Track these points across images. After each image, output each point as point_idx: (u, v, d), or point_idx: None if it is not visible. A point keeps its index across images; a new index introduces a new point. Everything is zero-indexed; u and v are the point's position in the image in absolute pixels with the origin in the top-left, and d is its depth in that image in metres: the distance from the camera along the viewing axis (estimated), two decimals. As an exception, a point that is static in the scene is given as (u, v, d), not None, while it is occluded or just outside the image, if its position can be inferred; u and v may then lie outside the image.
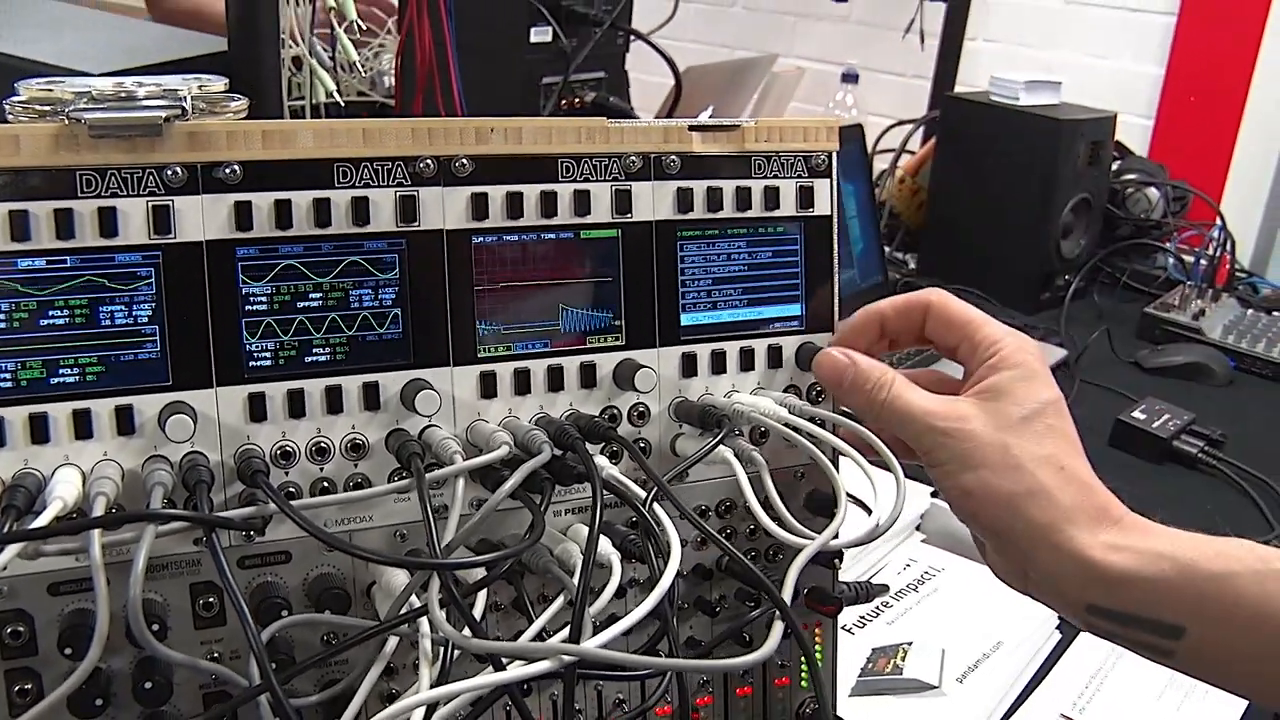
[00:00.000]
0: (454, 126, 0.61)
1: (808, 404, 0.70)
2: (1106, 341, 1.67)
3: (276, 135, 0.57)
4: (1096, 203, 1.84)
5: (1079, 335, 1.69)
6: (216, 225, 0.57)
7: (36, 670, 0.56)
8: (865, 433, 0.64)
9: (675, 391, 0.68)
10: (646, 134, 0.66)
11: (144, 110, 0.54)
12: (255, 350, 0.58)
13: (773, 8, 2.90)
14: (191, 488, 0.54)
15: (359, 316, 0.60)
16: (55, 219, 0.54)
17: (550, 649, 0.49)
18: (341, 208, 0.59)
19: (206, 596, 0.58)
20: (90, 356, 0.55)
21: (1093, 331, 1.69)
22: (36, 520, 0.49)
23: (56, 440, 0.55)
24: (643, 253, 0.66)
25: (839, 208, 0.74)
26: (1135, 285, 1.90)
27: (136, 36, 1.17)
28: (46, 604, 0.55)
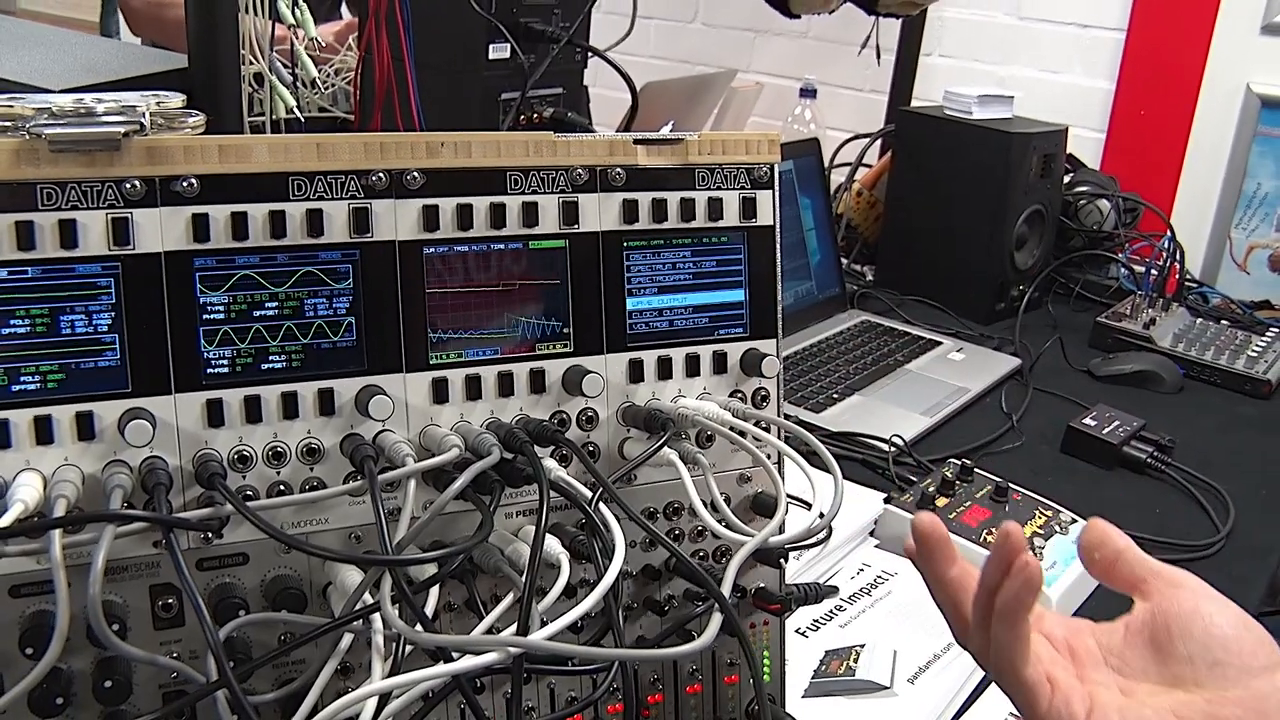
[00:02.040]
0: (405, 141, 0.63)
1: (751, 408, 0.72)
2: (1059, 350, 1.71)
3: (233, 150, 0.59)
4: (1049, 214, 1.88)
5: (1033, 344, 1.72)
6: (174, 237, 0.58)
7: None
8: (806, 434, 0.67)
9: (623, 396, 0.70)
10: (592, 147, 0.68)
11: (103, 126, 0.56)
12: (213, 358, 0.60)
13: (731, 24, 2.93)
14: (150, 490, 0.55)
15: (314, 325, 0.61)
16: (16, 230, 0.55)
17: (497, 641, 0.51)
18: (296, 219, 0.60)
19: (165, 598, 0.59)
20: (51, 364, 0.57)
21: (1045, 341, 1.73)
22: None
23: (18, 445, 0.56)
24: (590, 262, 0.68)
25: (789, 220, 0.76)
26: (1088, 295, 1.94)
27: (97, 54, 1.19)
28: (7, 606, 0.57)
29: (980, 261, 1.84)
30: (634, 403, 0.70)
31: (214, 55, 1.13)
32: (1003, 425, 1.48)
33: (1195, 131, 2.23)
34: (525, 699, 0.68)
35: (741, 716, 0.76)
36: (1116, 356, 1.70)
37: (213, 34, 1.13)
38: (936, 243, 1.88)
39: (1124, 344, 1.73)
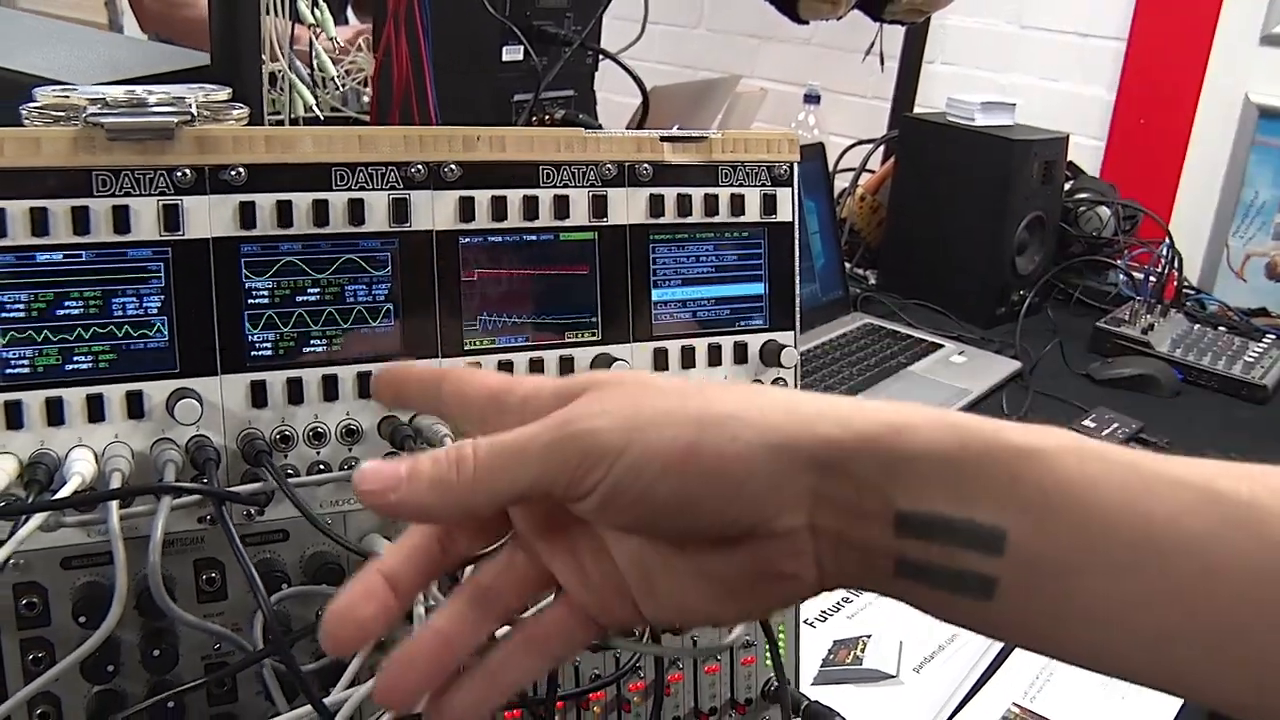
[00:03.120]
0: (443, 134, 0.65)
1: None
2: (1059, 354, 1.73)
3: (279, 140, 0.62)
4: (1050, 221, 1.91)
5: (1033, 348, 1.75)
6: (222, 223, 0.61)
7: (49, 640, 0.59)
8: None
9: (648, 385, 0.72)
10: (621, 144, 0.71)
11: (157, 116, 0.59)
12: (257, 341, 0.62)
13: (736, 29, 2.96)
14: (201, 466, 0.57)
15: (354, 310, 0.64)
16: (72, 216, 0.58)
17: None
18: (339, 209, 0.63)
19: (209, 572, 0.61)
20: (103, 345, 0.59)
21: (1045, 345, 1.75)
22: (58, 494, 0.53)
23: (70, 423, 0.58)
24: (618, 254, 0.71)
25: (800, 218, 0.78)
26: (1087, 301, 1.96)
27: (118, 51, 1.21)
28: (59, 577, 0.59)
29: (981, 266, 1.87)
30: (657, 391, 0.72)
31: (236, 54, 1.15)
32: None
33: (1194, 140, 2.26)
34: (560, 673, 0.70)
35: (757, 696, 0.78)
36: (1115, 361, 1.73)
37: (235, 33, 1.15)
38: (938, 247, 1.91)
39: (1123, 349, 1.76)
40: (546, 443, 0.41)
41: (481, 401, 0.47)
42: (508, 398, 0.46)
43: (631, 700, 0.73)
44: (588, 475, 0.41)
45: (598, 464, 0.40)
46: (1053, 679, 1.03)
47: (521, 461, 0.42)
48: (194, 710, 0.62)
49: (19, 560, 0.58)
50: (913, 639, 1.05)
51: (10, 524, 0.55)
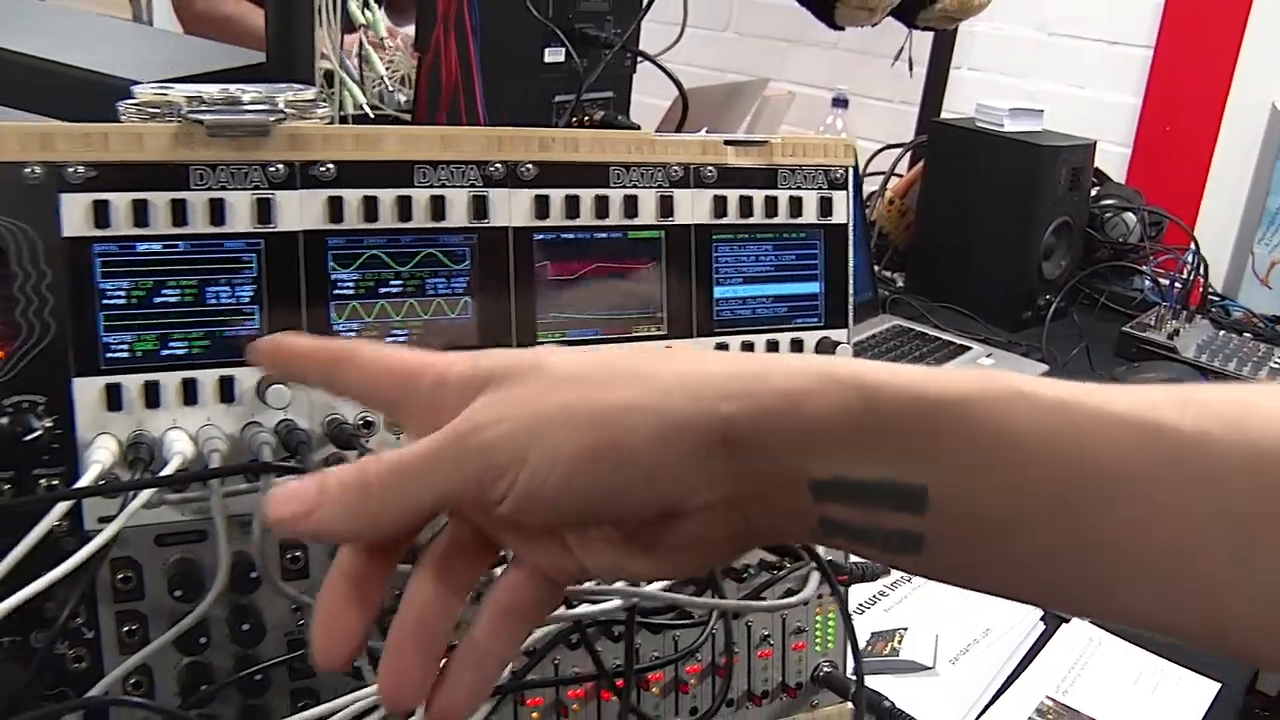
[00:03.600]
0: (520, 135, 0.68)
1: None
2: (1086, 358, 1.75)
3: (366, 138, 0.64)
4: (1076, 226, 1.93)
5: (1059, 352, 1.77)
6: (312, 217, 0.63)
7: (143, 613, 0.62)
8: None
9: (708, 378, 0.75)
10: (687, 147, 0.73)
11: (253, 113, 0.61)
12: (342, 330, 0.64)
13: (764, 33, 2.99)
14: (294, 448, 0.60)
15: (433, 302, 0.66)
16: (171, 208, 0.60)
17: (616, 591, 0.56)
18: (421, 204, 0.65)
19: (293, 550, 0.64)
20: (198, 331, 0.62)
21: (1072, 349, 1.77)
22: (163, 473, 0.56)
23: (166, 406, 0.61)
24: (682, 252, 0.73)
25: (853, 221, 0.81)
26: (1113, 306, 1.98)
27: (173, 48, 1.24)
28: (153, 553, 0.62)
29: (1008, 270, 1.89)
30: (718, 384, 0.75)
31: (291, 53, 1.18)
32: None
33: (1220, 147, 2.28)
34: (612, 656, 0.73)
35: (807, 681, 0.81)
36: (1141, 366, 1.74)
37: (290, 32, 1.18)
38: (966, 251, 1.93)
39: (1148, 354, 1.78)
40: (446, 458, 0.40)
41: (387, 384, 0.45)
42: (416, 383, 0.44)
43: (689, 681, 0.76)
44: (492, 488, 0.39)
45: (501, 476, 0.39)
46: (1084, 673, 1.05)
47: (422, 481, 0.40)
48: (276, 684, 0.65)
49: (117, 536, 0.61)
50: (949, 631, 1.08)
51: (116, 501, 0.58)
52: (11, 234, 0.58)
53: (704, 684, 0.77)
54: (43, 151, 0.58)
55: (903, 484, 0.38)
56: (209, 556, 0.62)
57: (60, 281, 0.59)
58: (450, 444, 0.40)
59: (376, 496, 0.40)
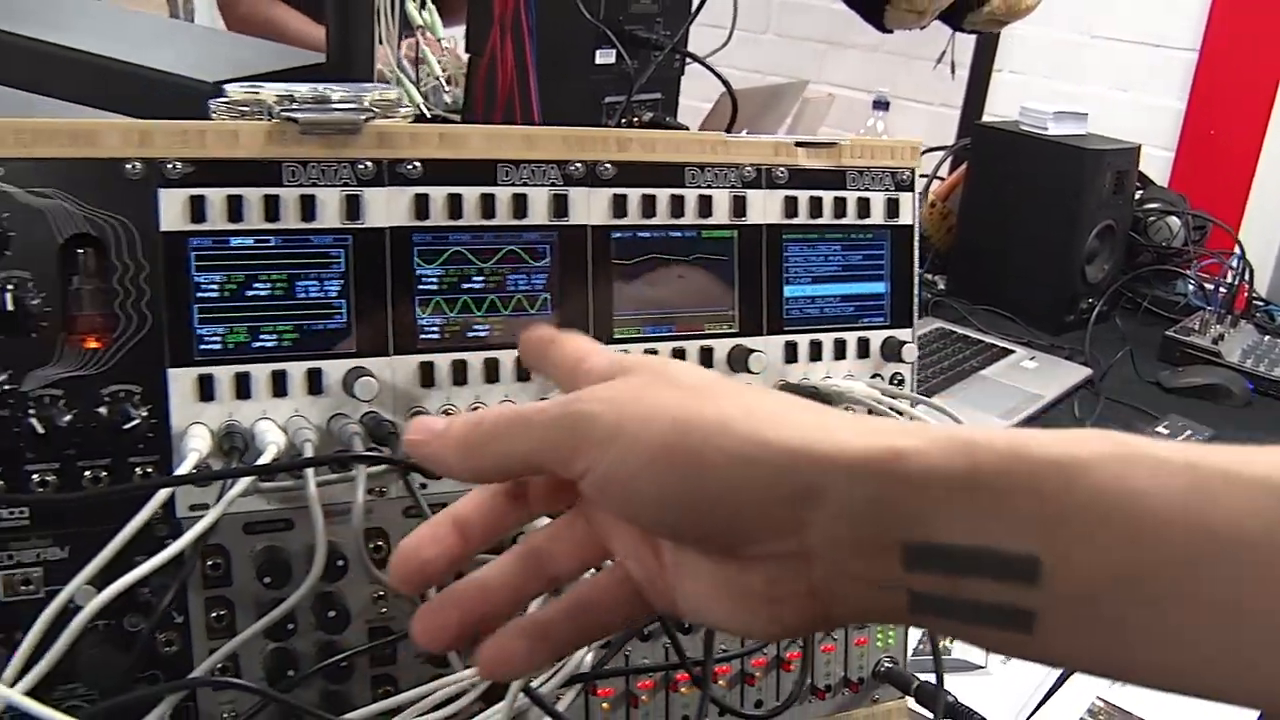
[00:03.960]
0: (599, 136, 0.69)
1: (896, 389, 0.78)
2: (1130, 362, 1.75)
3: (451, 137, 0.66)
4: (1120, 230, 1.93)
5: (1102, 356, 1.77)
6: (399, 214, 0.65)
7: (230, 599, 0.63)
8: (950, 412, 0.72)
9: (778, 375, 0.76)
10: (759, 148, 0.74)
11: (345, 112, 0.63)
12: (426, 325, 0.66)
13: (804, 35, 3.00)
14: (382, 439, 0.61)
15: (514, 298, 0.68)
16: (264, 203, 0.62)
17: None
18: (504, 202, 0.67)
19: (377, 540, 0.66)
20: (287, 324, 0.63)
21: (1114, 353, 1.77)
22: (259, 461, 0.57)
23: (256, 397, 0.63)
24: (754, 252, 0.74)
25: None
26: (1155, 310, 1.98)
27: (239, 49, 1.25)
28: (241, 541, 0.63)
29: (1051, 274, 1.89)
30: (788, 381, 0.76)
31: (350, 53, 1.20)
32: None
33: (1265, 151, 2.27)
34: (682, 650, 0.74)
35: (868, 676, 0.82)
36: (1185, 370, 1.74)
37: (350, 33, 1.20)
38: (1008, 254, 1.93)
39: (1192, 358, 1.78)
40: (548, 418, 0.42)
41: (566, 368, 0.49)
42: (580, 368, 0.48)
43: (755, 674, 0.77)
44: (577, 458, 0.41)
45: (587, 450, 0.40)
46: (1136, 676, 1.05)
47: (522, 432, 0.43)
48: (358, 670, 0.66)
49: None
50: (1000, 633, 1.08)
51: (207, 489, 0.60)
52: (112, 228, 0.59)
53: (769, 677, 0.78)
54: (142, 148, 0.60)
55: (1011, 553, 0.35)
56: (295, 544, 0.64)
57: (157, 274, 0.60)
58: (555, 408, 0.42)
59: (480, 438, 0.44)
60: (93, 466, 0.60)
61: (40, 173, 0.58)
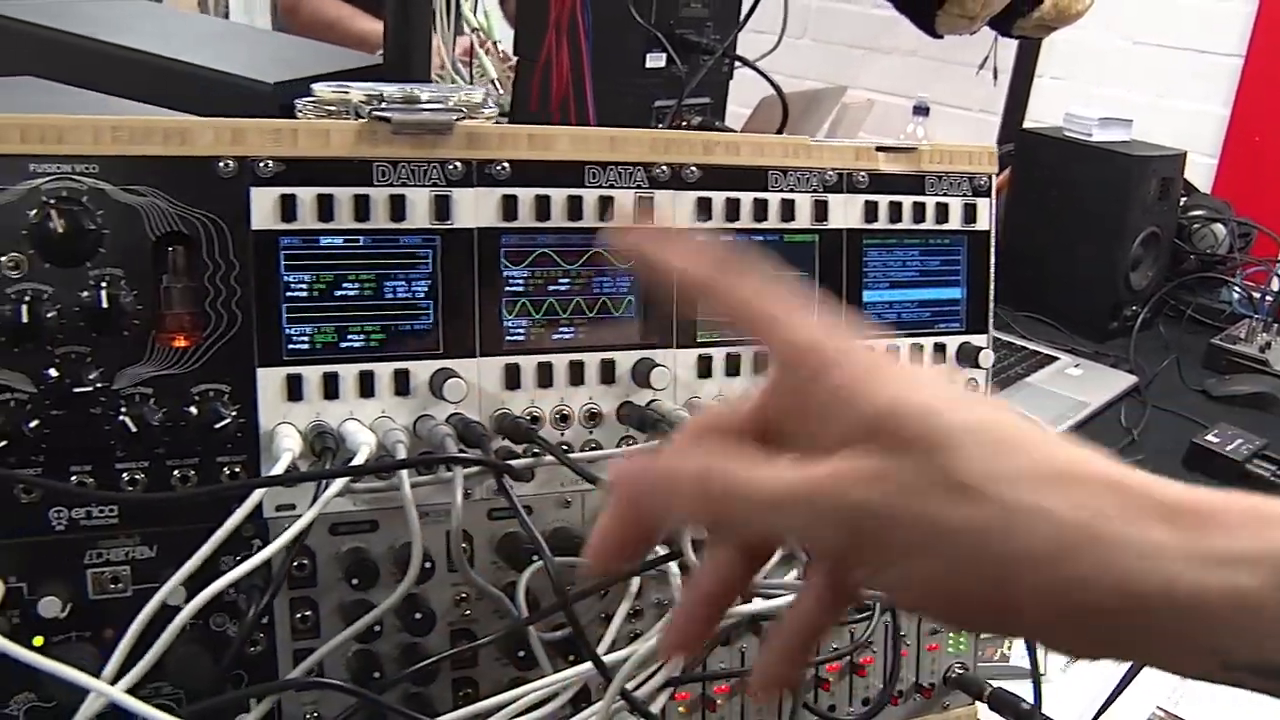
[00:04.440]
0: (684, 139, 0.69)
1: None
2: (1175, 370, 1.74)
3: (540, 138, 0.65)
4: (1164, 237, 1.91)
5: (1147, 364, 1.76)
6: (487, 215, 0.65)
7: (314, 600, 0.63)
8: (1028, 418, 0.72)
9: (856, 381, 0.75)
10: (840, 153, 0.74)
11: (437, 112, 0.62)
12: (512, 326, 0.66)
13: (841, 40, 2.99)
14: (474, 441, 0.61)
15: (600, 300, 0.67)
16: (355, 203, 0.62)
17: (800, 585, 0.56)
18: (591, 204, 0.66)
19: (460, 543, 0.65)
20: (375, 325, 0.63)
21: (1158, 360, 1.76)
22: (353, 462, 0.57)
23: (344, 397, 0.63)
24: (834, 257, 0.74)
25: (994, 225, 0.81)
26: (1199, 318, 1.97)
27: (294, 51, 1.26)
28: (327, 542, 0.63)
29: (1095, 281, 1.88)
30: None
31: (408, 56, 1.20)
32: (1123, 440, 1.52)
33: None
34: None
35: (939, 682, 0.81)
36: (1233, 378, 1.73)
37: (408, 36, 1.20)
38: (1052, 261, 1.92)
39: (1238, 366, 1.76)
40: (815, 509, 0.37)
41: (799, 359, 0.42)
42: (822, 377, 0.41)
43: (829, 679, 0.76)
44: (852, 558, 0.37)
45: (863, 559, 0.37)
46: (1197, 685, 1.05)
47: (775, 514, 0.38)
48: (441, 674, 0.66)
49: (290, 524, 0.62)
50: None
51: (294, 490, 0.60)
52: (204, 226, 0.59)
53: (842, 683, 0.77)
54: (234, 146, 0.60)
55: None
56: (379, 546, 0.64)
57: (247, 273, 0.60)
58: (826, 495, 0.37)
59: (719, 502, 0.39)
60: (181, 466, 0.60)
61: (135, 170, 0.58)
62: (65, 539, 0.59)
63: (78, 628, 0.59)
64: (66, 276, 0.57)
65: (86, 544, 0.59)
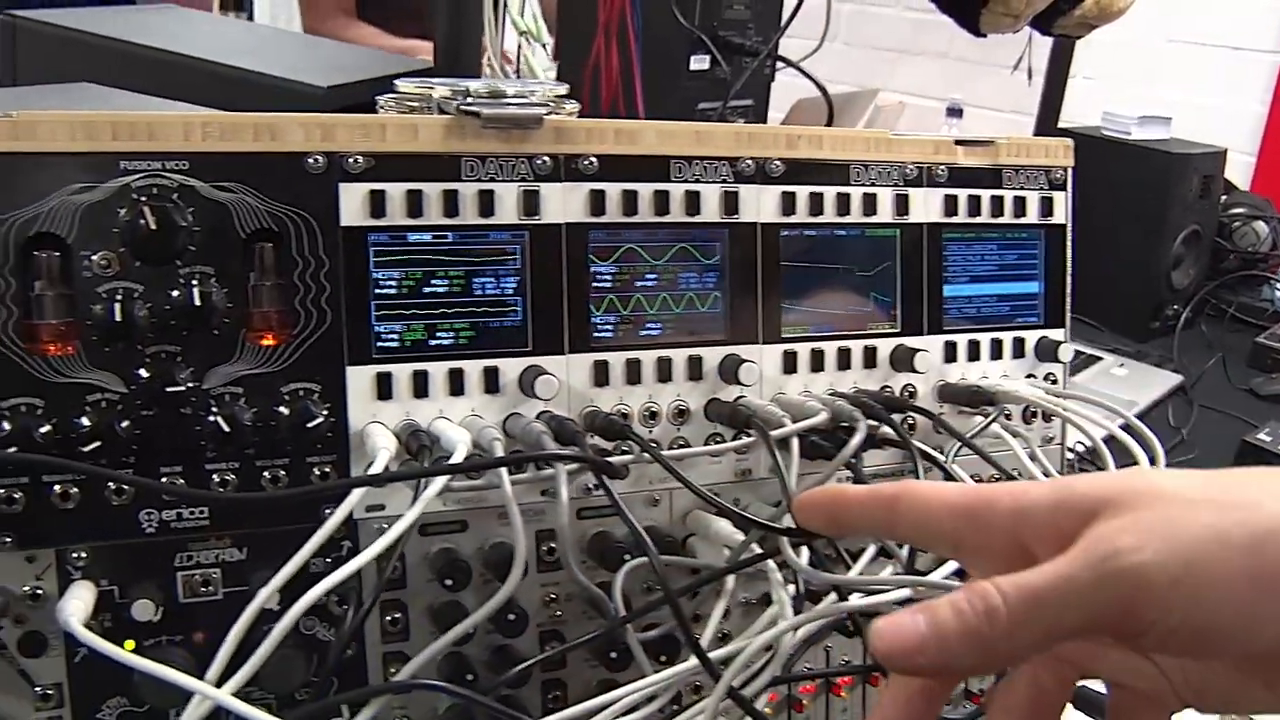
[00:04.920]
0: (769, 133, 0.68)
1: (1061, 389, 0.77)
2: (1221, 369, 1.72)
3: (626, 132, 0.65)
4: (1206, 235, 1.90)
5: (1190, 363, 1.74)
6: (575, 210, 0.64)
7: (404, 602, 0.62)
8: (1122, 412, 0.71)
9: (939, 376, 0.74)
10: (921, 146, 0.73)
11: (527, 106, 0.62)
12: (600, 323, 0.65)
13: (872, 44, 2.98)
14: (569, 438, 0.60)
15: (686, 296, 0.67)
16: (444, 198, 0.61)
17: (900, 580, 0.55)
18: (677, 199, 0.66)
19: (549, 543, 0.64)
20: (464, 322, 0.62)
21: (1201, 360, 1.74)
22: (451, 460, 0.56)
23: (434, 395, 0.62)
24: (915, 251, 0.73)
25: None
26: (1241, 317, 1.95)
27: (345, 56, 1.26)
28: (417, 543, 0.62)
29: (1137, 279, 1.86)
30: (947, 380, 0.74)
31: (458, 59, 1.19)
32: (1172, 440, 1.51)
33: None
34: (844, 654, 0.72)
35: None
36: (1278, 376, 1.71)
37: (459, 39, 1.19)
38: (1092, 260, 1.89)
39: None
40: (1089, 582, 0.37)
41: (951, 521, 0.43)
42: (987, 514, 0.41)
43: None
44: (1141, 613, 0.37)
45: (1151, 602, 0.37)
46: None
47: (1063, 607, 0.37)
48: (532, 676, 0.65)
49: (382, 527, 0.61)
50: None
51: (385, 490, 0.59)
52: (292, 222, 0.59)
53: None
54: (324, 142, 0.59)
55: None
56: (468, 547, 0.63)
57: (336, 270, 0.60)
58: (1092, 568, 0.37)
59: (1007, 626, 0.37)
60: (272, 466, 0.59)
61: (225, 167, 0.57)
62: (156, 541, 0.58)
63: (168, 631, 0.59)
64: (157, 275, 0.57)
65: (177, 546, 0.59)
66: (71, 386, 0.56)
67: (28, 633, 0.57)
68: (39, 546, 0.56)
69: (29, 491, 0.56)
